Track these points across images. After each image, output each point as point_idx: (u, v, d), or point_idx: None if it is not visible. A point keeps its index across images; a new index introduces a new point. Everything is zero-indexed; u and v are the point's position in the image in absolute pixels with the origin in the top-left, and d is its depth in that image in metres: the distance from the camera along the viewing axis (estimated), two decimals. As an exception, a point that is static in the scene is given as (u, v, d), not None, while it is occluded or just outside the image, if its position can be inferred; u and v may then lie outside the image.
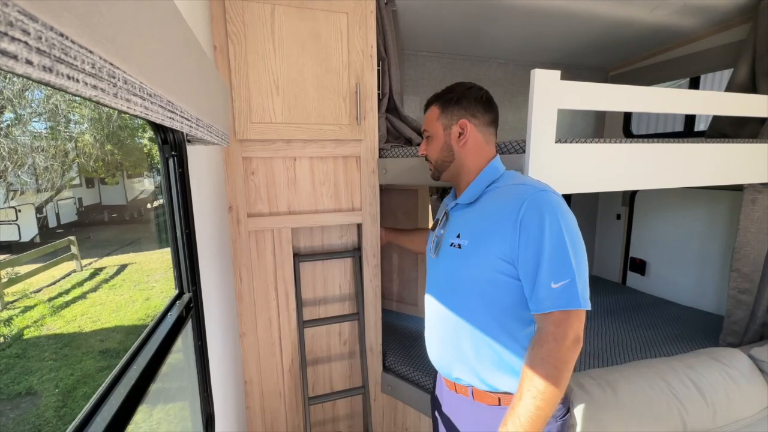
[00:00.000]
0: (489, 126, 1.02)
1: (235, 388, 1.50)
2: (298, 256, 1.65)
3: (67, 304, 5.01)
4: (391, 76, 1.68)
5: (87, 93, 0.29)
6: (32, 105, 6.53)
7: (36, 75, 0.23)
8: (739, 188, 1.74)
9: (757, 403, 1.46)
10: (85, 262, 6.46)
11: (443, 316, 1.01)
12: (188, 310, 0.95)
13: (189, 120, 0.64)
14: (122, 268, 6.48)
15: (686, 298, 2.44)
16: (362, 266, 1.70)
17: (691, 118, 2.58)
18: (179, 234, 0.92)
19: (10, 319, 4.45)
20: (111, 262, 6.76)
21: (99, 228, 9.15)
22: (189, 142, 0.98)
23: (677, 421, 1.30)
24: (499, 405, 0.94)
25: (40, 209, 7.58)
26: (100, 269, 6.36)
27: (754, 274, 1.74)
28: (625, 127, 2.85)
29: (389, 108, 1.73)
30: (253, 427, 1.65)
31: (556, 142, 1.14)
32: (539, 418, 0.78)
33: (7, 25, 0.20)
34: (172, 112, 0.53)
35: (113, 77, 0.33)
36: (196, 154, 1.08)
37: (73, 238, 6.30)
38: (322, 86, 1.48)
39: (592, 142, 1.21)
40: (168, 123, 0.52)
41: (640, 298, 2.60)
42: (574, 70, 2.76)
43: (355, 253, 1.72)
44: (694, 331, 2.06)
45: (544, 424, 0.80)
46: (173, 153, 0.88)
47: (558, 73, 1.10)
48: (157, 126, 0.79)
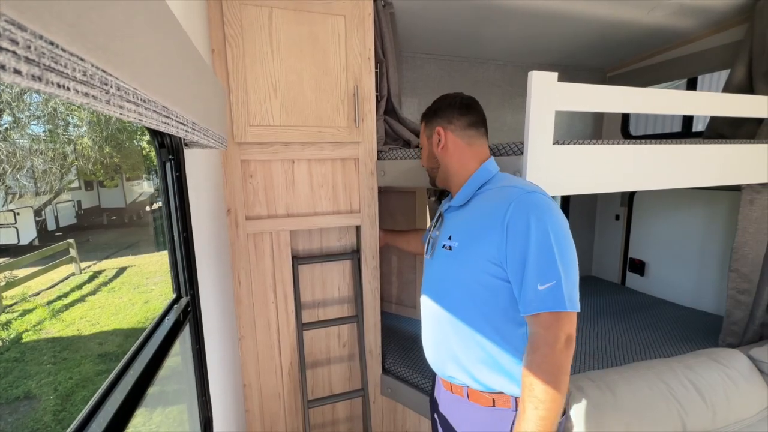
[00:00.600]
0: (468, 128, 1.04)
1: (234, 391, 1.50)
2: (297, 259, 1.64)
3: (66, 308, 4.99)
4: (389, 79, 1.68)
5: (79, 100, 0.29)
6: (30, 108, 6.53)
7: (25, 84, 0.22)
8: (737, 188, 1.74)
9: (757, 404, 1.46)
10: (84, 265, 6.44)
11: (437, 316, 1.02)
12: (186, 313, 0.94)
13: (185, 125, 0.63)
14: (121, 270, 6.46)
15: (685, 298, 2.44)
16: (361, 268, 1.69)
17: (688, 119, 2.59)
18: (177, 237, 0.92)
19: (9, 323, 4.44)
20: (110, 264, 6.74)
21: (98, 231, 9.13)
22: (186, 145, 0.98)
23: (677, 423, 1.30)
24: (494, 406, 0.94)
25: (38, 212, 7.56)
26: (99, 272, 6.34)
27: (753, 274, 1.74)
28: (624, 128, 2.85)
29: (387, 110, 1.73)
30: (253, 430, 1.65)
31: (554, 144, 1.14)
32: (545, 427, 0.79)
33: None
34: (168, 117, 0.52)
35: (106, 84, 0.32)
36: (193, 157, 1.07)
37: (72, 241, 6.28)
38: (320, 89, 1.48)
39: (590, 144, 1.21)
40: (163, 128, 0.52)
41: (640, 298, 2.60)
42: (572, 72, 2.76)
43: (354, 255, 1.72)
44: (694, 331, 2.06)
45: (554, 428, 0.80)
46: (170, 157, 0.88)
47: (555, 75, 1.10)
48: (154, 130, 0.79)
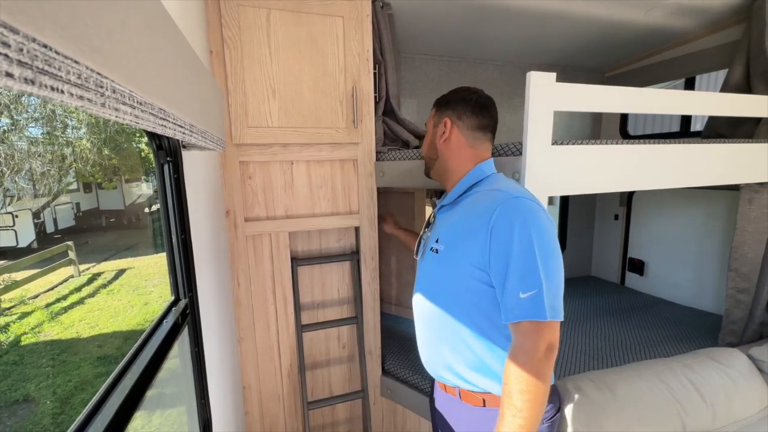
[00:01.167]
0: (476, 130, 1.01)
1: (234, 393, 1.49)
2: (296, 260, 1.64)
3: (65, 310, 4.97)
4: (387, 79, 1.67)
5: (73, 103, 0.28)
6: (29, 110, 6.52)
7: (18, 87, 0.22)
8: (736, 188, 1.74)
9: (757, 403, 1.45)
10: (82, 267, 6.42)
11: (427, 317, 1.02)
12: (185, 316, 0.94)
13: (182, 127, 0.63)
14: (120, 272, 6.44)
15: (685, 298, 2.44)
16: (360, 269, 1.69)
17: (687, 119, 2.59)
18: (175, 240, 0.91)
19: (7, 326, 4.42)
20: (109, 267, 6.72)
21: (97, 233, 9.10)
22: (184, 147, 0.97)
23: (676, 423, 1.30)
24: (484, 406, 0.94)
25: (37, 214, 7.54)
26: (98, 274, 6.32)
27: (752, 273, 1.74)
28: (622, 128, 2.85)
29: (386, 111, 1.73)
30: (252, 433, 1.64)
31: (553, 144, 1.14)
32: None
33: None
34: (165, 119, 0.52)
35: (101, 86, 0.32)
36: (192, 159, 1.07)
37: (70, 243, 6.26)
38: (319, 90, 1.48)
39: (588, 144, 1.21)
40: (160, 130, 0.52)
41: (639, 298, 2.60)
42: (570, 72, 2.77)
43: (353, 256, 1.71)
44: (693, 331, 2.06)
45: None
46: (168, 159, 0.87)
47: (554, 75, 1.10)
48: (152, 132, 0.79)
